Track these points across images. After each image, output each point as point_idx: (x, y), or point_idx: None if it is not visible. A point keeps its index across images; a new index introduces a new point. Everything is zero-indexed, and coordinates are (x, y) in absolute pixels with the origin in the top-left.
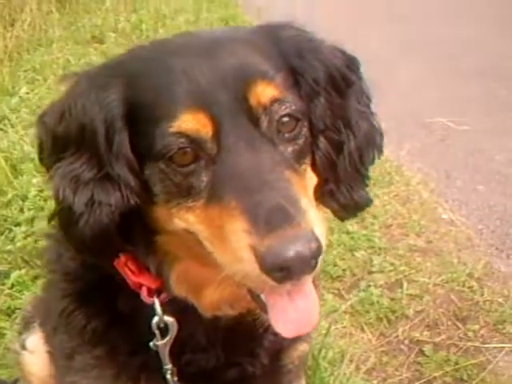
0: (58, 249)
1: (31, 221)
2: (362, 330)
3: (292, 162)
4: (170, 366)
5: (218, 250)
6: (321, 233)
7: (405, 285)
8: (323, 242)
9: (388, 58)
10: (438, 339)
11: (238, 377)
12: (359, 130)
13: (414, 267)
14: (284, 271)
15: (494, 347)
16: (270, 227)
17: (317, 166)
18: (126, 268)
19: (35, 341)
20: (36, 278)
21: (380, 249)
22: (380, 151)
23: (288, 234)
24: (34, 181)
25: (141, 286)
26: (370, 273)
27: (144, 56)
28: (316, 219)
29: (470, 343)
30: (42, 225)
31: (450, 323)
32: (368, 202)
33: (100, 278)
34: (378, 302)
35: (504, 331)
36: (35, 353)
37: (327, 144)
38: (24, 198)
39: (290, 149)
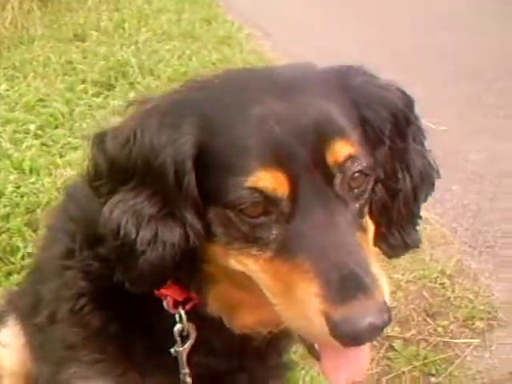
0: (70, 244)
1: (6, 217)
2: None
3: (359, 219)
4: (187, 370)
5: (282, 303)
6: (389, 299)
7: None
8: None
9: (368, 62)
10: (408, 334)
11: (246, 380)
12: (415, 169)
13: (388, 264)
14: (354, 341)
15: (463, 342)
16: (344, 296)
17: (372, 212)
18: None
19: (8, 334)
20: (9, 274)
21: None
22: (433, 189)
23: (362, 305)
24: (11, 177)
25: (166, 295)
26: None
27: (218, 96)
28: (386, 287)
29: (439, 338)
30: (16, 221)
31: (420, 319)
32: (418, 244)
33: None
34: None
35: (473, 327)
36: (8, 346)
37: (384, 191)
38: (0, 195)
39: (357, 205)
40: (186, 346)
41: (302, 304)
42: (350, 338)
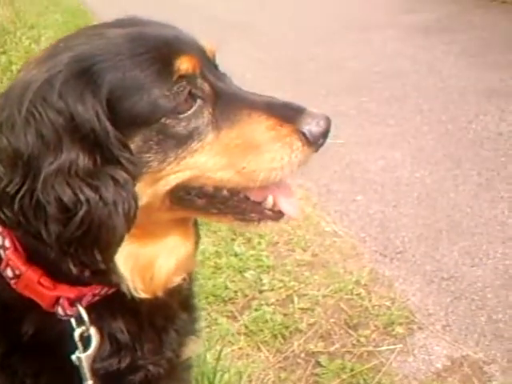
0: None
1: None
2: (259, 349)
3: None
4: (90, 382)
5: (247, 162)
6: None
7: (296, 299)
8: None
9: (255, 78)
10: (332, 348)
11: (143, 379)
12: None
13: (303, 281)
14: (325, 137)
15: (386, 349)
16: (295, 113)
17: None
18: (39, 285)
19: None
20: None
21: (268, 267)
22: None
23: (311, 111)
24: None
25: (56, 301)
26: (261, 292)
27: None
28: None
29: (363, 348)
30: None
31: (342, 332)
32: None
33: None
34: (271, 319)
35: (394, 333)
36: None
37: None
38: None
39: None
40: (89, 351)
41: (268, 142)
42: (323, 134)
